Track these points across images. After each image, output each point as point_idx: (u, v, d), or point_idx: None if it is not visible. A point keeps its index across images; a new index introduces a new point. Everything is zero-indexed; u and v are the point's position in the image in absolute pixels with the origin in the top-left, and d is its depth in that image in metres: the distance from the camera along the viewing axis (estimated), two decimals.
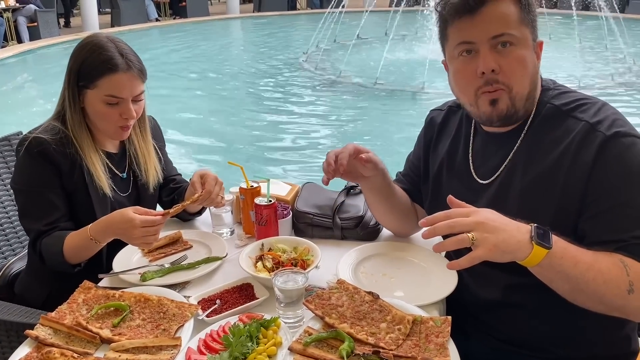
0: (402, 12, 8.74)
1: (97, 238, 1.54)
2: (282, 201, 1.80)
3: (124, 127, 1.67)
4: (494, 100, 1.26)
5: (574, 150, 1.22)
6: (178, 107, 6.56)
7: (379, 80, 7.10)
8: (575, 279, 1.11)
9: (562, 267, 1.10)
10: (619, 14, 9.75)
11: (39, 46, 10.30)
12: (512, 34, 1.23)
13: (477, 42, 1.24)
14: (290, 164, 4.86)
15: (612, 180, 1.18)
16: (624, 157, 1.18)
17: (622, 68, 7.91)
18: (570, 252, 1.11)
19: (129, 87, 1.62)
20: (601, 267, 1.12)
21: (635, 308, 1.14)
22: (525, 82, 1.26)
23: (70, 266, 1.60)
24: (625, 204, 1.17)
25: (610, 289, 1.11)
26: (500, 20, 1.22)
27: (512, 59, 1.23)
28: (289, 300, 1.31)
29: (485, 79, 1.25)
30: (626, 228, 1.16)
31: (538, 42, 1.30)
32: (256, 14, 15.59)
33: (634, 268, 1.13)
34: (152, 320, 1.31)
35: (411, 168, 1.65)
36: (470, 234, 1.05)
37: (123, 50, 1.63)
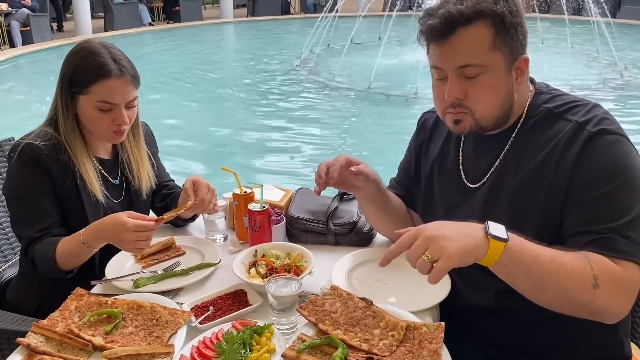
0: (396, 16, 8.77)
1: (89, 242, 1.53)
2: (275, 207, 1.80)
3: (117, 131, 1.66)
4: (456, 120, 1.30)
5: (560, 148, 1.23)
6: (171, 112, 6.55)
7: (373, 85, 7.12)
8: (537, 272, 1.10)
9: (522, 261, 1.09)
10: (611, 18, 9.83)
11: (31, 50, 10.26)
12: (478, 64, 1.22)
13: (445, 69, 1.26)
14: (283, 170, 4.86)
15: (592, 173, 1.19)
16: (605, 152, 1.19)
17: (614, 72, 7.97)
18: (528, 246, 1.11)
19: (121, 93, 1.62)
20: (563, 259, 1.11)
21: (602, 305, 1.13)
22: (493, 106, 1.27)
23: (62, 272, 1.59)
24: (602, 196, 1.18)
25: (574, 281, 1.10)
26: (467, 50, 1.22)
27: (478, 87, 1.24)
28: (283, 306, 1.31)
29: (451, 102, 1.28)
30: (600, 219, 1.17)
31: (522, 58, 1.28)
32: (250, 18, 15.61)
33: (599, 263, 1.13)
34: (145, 327, 1.31)
35: (404, 173, 1.65)
36: (424, 255, 1.05)
37: (116, 56, 1.63)
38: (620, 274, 1.13)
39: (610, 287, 1.12)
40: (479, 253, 1.06)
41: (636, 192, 1.18)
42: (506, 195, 1.31)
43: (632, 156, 1.21)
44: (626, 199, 1.17)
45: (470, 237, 1.07)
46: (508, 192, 1.31)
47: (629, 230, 1.15)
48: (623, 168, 1.18)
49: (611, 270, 1.13)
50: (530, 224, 1.26)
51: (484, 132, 1.32)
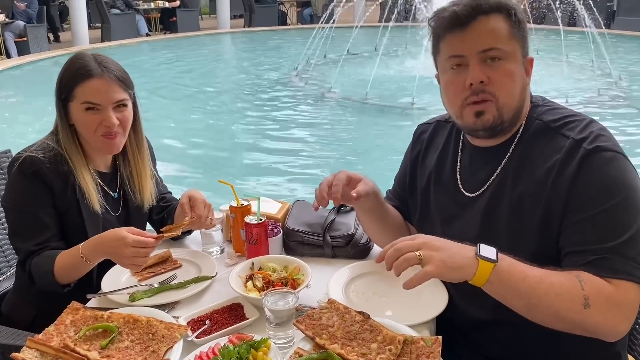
0: (392, 27, 8.81)
1: (88, 256, 1.52)
2: (272, 219, 1.80)
3: (109, 135, 1.63)
4: (479, 112, 1.29)
5: (558, 166, 1.24)
6: (168, 123, 6.54)
7: (369, 96, 7.13)
8: (527, 293, 1.13)
9: (511, 282, 1.13)
10: (605, 29, 9.91)
11: (28, 61, 10.26)
12: (501, 49, 1.26)
13: (467, 55, 1.27)
14: (281, 182, 4.85)
15: (589, 191, 1.20)
16: (602, 170, 1.20)
17: (608, 83, 8.01)
18: (518, 267, 1.14)
19: (105, 92, 1.60)
20: (552, 280, 1.14)
21: (595, 324, 1.14)
22: (514, 94, 1.29)
23: (60, 286, 1.59)
24: (599, 215, 1.19)
25: (564, 302, 1.13)
26: (489, 34, 1.26)
27: (500, 72, 1.27)
28: (280, 320, 1.31)
29: (473, 89, 1.28)
30: (597, 239, 1.18)
31: (528, 58, 1.33)
32: (247, 29, 15.66)
33: (590, 283, 1.14)
34: (141, 341, 1.30)
35: (399, 185, 1.66)
36: (417, 252, 1.10)
37: (99, 58, 1.63)
38: (613, 294, 1.14)
39: (602, 306, 1.13)
40: (468, 272, 1.11)
41: (633, 209, 1.19)
42: (505, 208, 1.32)
43: (629, 173, 1.21)
44: (623, 217, 1.18)
45: (461, 255, 1.12)
46: (506, 205, 1.31)
47: (627, 249, 1.16)
48: (620, 186, 1.19)
49: (603, 290, 1.14)
50: (529, 239, 1.26)
51: (502, 127, 1.31)
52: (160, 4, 15.01)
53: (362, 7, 12.74)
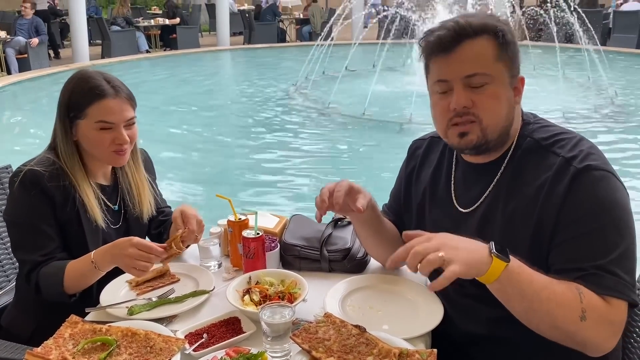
0: (390, 45, 8.90)
1: (98, 263, 1.56)
2: (269, 234, 1.81)
3: (119, 151, 1.69)
4: (462, 133, 1.31)
5: (549, 185, 1.26)
6: (167, 138, 6.58)
7: (367, 112, 7.18)
8: (530, 297, 1.14)
9: (519, 283, 1.14)
10: (601, 46, 10.01)
11: (29, 77, 10.32)
12: (485, 74, 1.27)
13: (451, 80, 1.29)
14: (278, 196, 4.87)
15: (579, 210, 1.22)
16: (593, 189, 1.22)
17: (605, 99, 8.08)
18: (526, 270, 1.15)
19: (118, 111, 1.66)
20: (555, 289, 1.15)
21: (586, 338, 1.16)
22: (498, 116, 1.30)
23: (67, 296, 1.61)
24: (588, 234, 1.20)
25: (563, 311, 1.14)
26: (474, 60, 1.27)
27: (485, 96, 1.28)
28: (276, 334, 1.32)
29: (457, 112, 1.29)
30: (587, 257, 1.20)
31: (519, 78, 1.34)
32: (246, 46, 15.79)
33: (589, 297, 1.16)
34: (139, 354, 1.31)
35: (395, 200, 1.68)
36: (440, 253, 1.09)
37: (109, 78, 1.68)
38: (606, 311, 1.16)
39: (596, 321, 1.15)
40: (482, 269, 1.11)
41: (622, 229, 1.21)
42: (497, 224, 1.34)
43: (618, 192, 1.23)
44: (613, 236, 1.20)
45: (476, 252, 1.12)
46: (499, 221, 1.34)
47: (616, 267, 1.18)
48: (609, 205, 1.21)
49: (599, 306, 1.16)
50: (520, 254, 1.28)
51: (487, 147, 1.33)
52: (161, 21, 15.16)
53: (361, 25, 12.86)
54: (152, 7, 18.22)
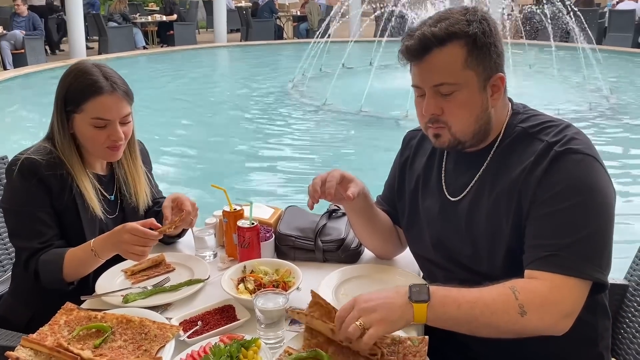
0: (386, 42, 8.91)
1: (98, 251, 1.57)
2: (264, 224, 1.82)
3: (113, 147, 1.70)
4: (435, 134, 1.37)
5: (530, 167, 1.29)
6: (164, 132, 6.58)
7: (364, 108, 7.20)
8: (465, 319, 1.19)
9: (448, 314, 1.18)
10: (596, 45, 10.04)
11: (25, 73, 10.29)
12: (452, 83, 1.30)
13: (423, 87, 1.34)
14: (273, 189, 4.89)
15: (553, 189, 1.24)
16: (569, 170, 1.25)
17: (600, 97, 8.11)
18: (451, 297, 1.19)
19: (115, 108, 1.66)
20: (486, 300, 1.19)
21: (535, 328, 1.19)
22: (467, 122, 1.33)
23: (66, 283, 1.62)
24: (558, 212, 1.23)
25: (500, 317, 1.18)
26: (440, 69, 1.30)
27: (453, 104, 1.31)
28: (270, 321, 1.33)
29: (429, 118, 1.35)
30: (553, 235, 1.22)
31: (497, 76, 1.34)
32: (243, 43, 15.77)
33: (524, 291, 1.19)
34: (134, 341, 1.32)
35: (389, 190, 1.70)
36: (358, 322, 1.15)
37: (107, 73, 1.67)
38: (547, 294, 1.19)
39: (537, 310, 1.18)
40: (408, 317, 1.17)
41: (593, 210, 1.23)
42: (483, 210, 1.36)
43: (596, 175, 1.25)
44: (581, 217, 1.22)
45: (396, 305, 1.17)
46: (485, 208, 1.36)
47: (580, 247, 1.21)
48: (583, 186, 1.23)
49: (538, 293, 1.19)
50: (504, 238, 1.31)
51: (463, 146, 1.38)
52: (158, 17, 15.13)
53: (357, 22, 12.85)
54: (149, 3, 18.13)
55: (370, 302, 1.18)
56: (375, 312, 1.16)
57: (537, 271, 1.22)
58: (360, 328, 1.14)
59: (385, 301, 1.18)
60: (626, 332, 1.65)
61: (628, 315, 1.66)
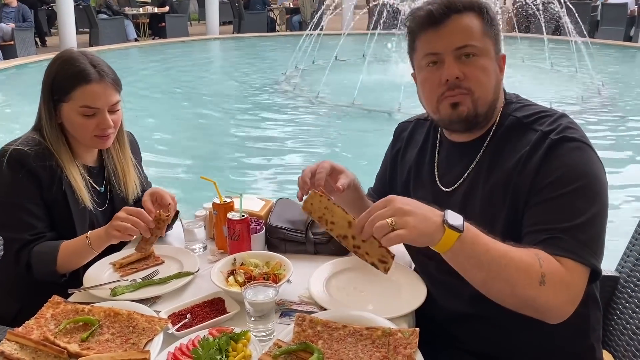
0: (379, 35, 8.88)
1: (93, 242, 1.56)
2: (255, 216, 1.81)
3: (102, 136, 1.67)
4: (454, 103, 1.33)
5: (525, 157, 1.28)
6: (155, 125, 6.54)
7: (357, 101, 7.18)
8: (488, 265, 1.14)
9: (474, 253, 1.14)
10: (589, 38, 10.05)
11: (15, 65, 10.18)
12: (475, 45, 1.30)
13: (442, 52, 1.31)
14: (264, 181, 4.88)
15: (551, 176, 1.24)
16: (565, 158, 1.24)
17: (592, 90, 8.14)
18: (482, 239, 1.15)
19: (103, 97, 1.64)
20: (514, 255, 1.16)
21: (546, 302, 1.17)
22: (488, 89, 1.33)
23: (58, 275, 1.61)
24: (558, 198, 1.22)
25: (523, 276, 1.15)
26: (463, 32, 1.30)
27: (475, 68, 1.31)
28: (260, 313, 1.32)
29: (449, 85, 1.31)
30: (553, 219, 1.21)
31: (501, 55, 1.37)
32: (236, 35, 15.68)
33: (548, 262, 1.17)
34: (122, 334, 1.31)
35: (380, 182, 1.68)
36: (390, 219, 1.10)
37: (94, 61, 1.65)
38: (565, 275, 1.17)
39: (556, 285, 1.16)
40: (434, 238, 1.11)
41: (591, 196, 1.22)
42: (478, 201, 1.35)
43: (592, 163, 1.25)
44: (580, 203, 1.21)
45: (430, 221, 1.12)
46: (479, 198, 1.35)
47: (579, 232, 1.20)
48: (580, 172, 1.23)
49: (558, 270, 1.17)
50: (499, 228, 1.30)
51: (476, 121, 1.34)
52: (149, 9, 14.99)
53: (350, 15, 12.81)
54: None
55: (408, 206, 1.12)
56: (410, 216, 1.10)
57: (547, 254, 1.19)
58: (390, 227, 1.09)
59: (422, 211, 1.12)
60: (617, 323, 1.66)
61: (619, 307, 1.66)
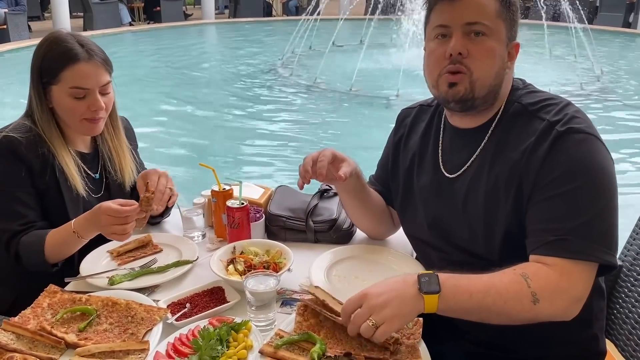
0: (377, 20, 8.81)
1: (79, 231, 1.52)
2: (254, 204, 1.78)
3: (93, 119, 1.63)
4: (451, 83, 1.31)
5: (531, 147, 1.25)
6: (151, 111, 6.48)
7: (354, 87, 7.14)
8: (477, 308, 1.16)
9: (459, 304, 1.15)
10: (588, 25, 9.99)
11: (8, 49, 10.06)
12: (486, 24, 1.27)
13: (452, 26, 1.29)
14: (263, 168, 4.85)
15: (556, 171, 1.21)
16: (572, 150, 1.22)
17: (591, 77, 8.11)
18: (462, 286, 1.16)
19: (93, 76, 1.59)
20: (499, 288, 1.16)
21: (548, 315, 1.18)
22: (489, 71, 1.29)
23: (49, 265, 1.58)
24: (563, 194, 1.20)
25: (514, 306, 1.15)
26: (477, 8, 1.27)
27: (481, 47, 1.28)
28: (261, 303, 1.30)
29: (451, 59, 1.29)
30: (559, 218, 1.20)
31: (514, 43, 1.34)
32: (232, 19, 15.53)
33: (536, 277, 1.16)
34: (120, 324, 1.29)
35: (382, 169, 1.66)
36: (369, 321, 1.11)
37: (82, 41, 1.61)
38: (559, 282, 1.17)
39: (551, 297, 1.16)
40: (419, 309, 1.14)
41: (598, 191, 1.20)
42: (482, 189, 1.33)
43: (599, 155, 1.23)
44: (587, 199, 1.19)
45: (407, 297, 1.13)
46: (483, 187, 1.33)
47: (587, 229, 1.18)
48: (586, 168, 1.21)
49: (549, 281, 1.17)
50: (503, 219, 1.29)
51: (472, 104, 1.32)
52: None
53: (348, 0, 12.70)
54: None
55: (381, 297, 1.13)
56: (387, 307, 1.11)
57: (546, 257, 1.19)
58: (373, 327, 1.11)
59: (397, 294, 1.13)
60: (619, 312, 1.64)
61: (621, 296, 1.65)
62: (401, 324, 1.14)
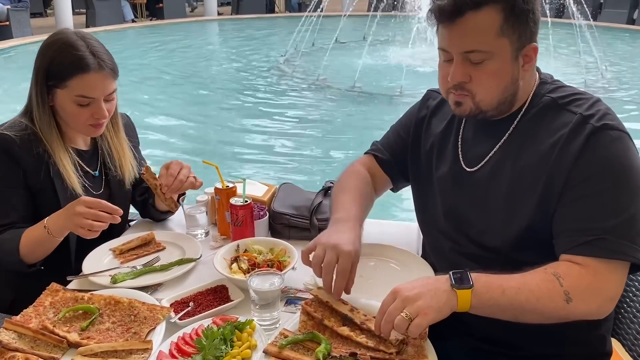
0: (380, 16, 8.78)
1: (50, 225, 1.49)
2: (258, 202, 1.77)
3: (95, 125, 1.63)
4: (457, 102, 1.30)
5: (564, 141, 1.22)
6: (154, 108, 6.47)
7: (357, 84, 7.12)
8: (510, 305, 1.14)
9: (492, 300, 1.13)
10: (592, 21, 9.96)
11: (10, 45, 10.07)
12: (484, 51, 1.22)
13: (451, 52, 1.26)
14: (267, 165, 4.83)
15: (591, 169, 1.19)
16: (607, 148, 1.19)
17: (595, 74, 8.07)
18: (494, 283, 1.14)
19: (100, 87, 1.58)
20: (530, 286, 1.14)
21: (581, 314, 1.16)
22: (494, 91, 1.26)
23: (25, 265, 1.54)
24: (598, 194, 1.18)
25: (547, 304, 1.14)
26: (475, 34, 1.21)
27: (482, 73, 1.24)
28: (265, 302, 1.29)
29: (453, 84, 1.27)
30: (595, 218, 1.17)
31: (531, 46, 1.27)
32: (234, 16, 15.51)
33: (568, 277, 1.15)
34: (123, 323, 1.27)
35: (396, 140, 1.61)
36: (403, 312, 1.09)
37: (94, 48, 1.58)
38: (592, 281, 1.15)
39: (584, 296, 1.14)
40: (452, 304, 1.12)
41: (632, 191, 1.18)
42: (504, 182, 1.30)
43: (632, 155, 1.21)
44: (623, 198, 1.17)
45: (440, 292, 1.12)
46: (506, 179, 1.30)
47: (625, 229, 1.16)
48: (621, 167, 1.18)
49: (582, 280, 1.15)
50: (526, 213, 1.26)
51: (485, 116, 1.30)
52: None
53: None
54: None
55: (414, 290, 1.11)
56: (420, 299, 1.10)
57: (580, 256, 1.17)
58: (407, 319, 1.09)
59: (429, 288, 1.12)
60: (626, 312, 1.63)
61: (629, 295, 1.63)
62: (435, 317, 1.11)
